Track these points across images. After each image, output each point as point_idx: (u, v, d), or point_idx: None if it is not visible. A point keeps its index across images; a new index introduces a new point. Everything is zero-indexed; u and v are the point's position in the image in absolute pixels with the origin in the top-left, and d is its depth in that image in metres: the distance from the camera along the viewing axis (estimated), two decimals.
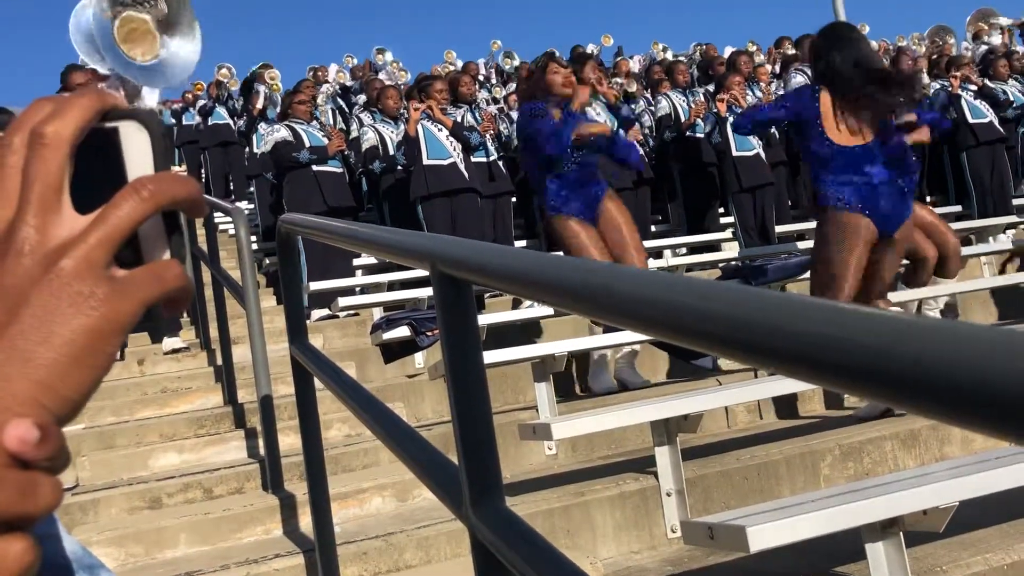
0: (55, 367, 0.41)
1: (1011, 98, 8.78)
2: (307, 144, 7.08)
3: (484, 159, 7.43)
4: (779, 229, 8.04)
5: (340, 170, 7.18)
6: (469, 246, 1.34)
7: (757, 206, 7.96)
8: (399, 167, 7.34)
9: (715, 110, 8.05)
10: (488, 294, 6.38)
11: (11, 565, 0.39)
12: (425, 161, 6.93)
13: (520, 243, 7.83)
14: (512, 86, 10.80)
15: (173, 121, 12.41)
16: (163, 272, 0.44)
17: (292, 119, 7.35)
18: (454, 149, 6.99)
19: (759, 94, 8.90)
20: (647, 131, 8.69)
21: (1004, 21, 13.62)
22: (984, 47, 11.47)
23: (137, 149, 0.46)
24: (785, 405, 4.72)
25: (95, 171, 0.45)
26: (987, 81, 8.78)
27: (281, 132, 7.19)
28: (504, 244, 6.57)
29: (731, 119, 4.42)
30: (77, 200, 0.44)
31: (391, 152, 7.41)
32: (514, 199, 7.89)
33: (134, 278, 0.43)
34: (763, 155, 8.05)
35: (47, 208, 0.43)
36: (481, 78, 12.85)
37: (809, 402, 4.77)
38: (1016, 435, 0.44)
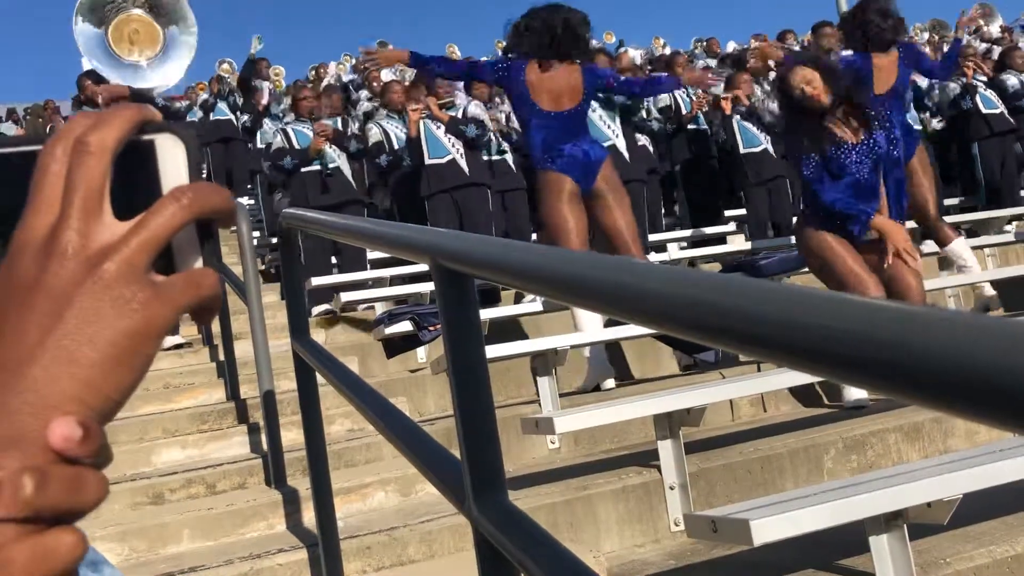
0: (99, 367, 0.42)
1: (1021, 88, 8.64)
2: (297, 147, 7.15)
3: (496, 156, 7.46)
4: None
5: (317, 168, 7.16)
6: (469, 240, 1.33)
7: (772, 199, 7.90)
8: (405, 165, 7.34)
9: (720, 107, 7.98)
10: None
11: (64, 556, 0.40)
12: (427, 161, 6.96)
13: (535, 236, 7.80)
14: None
15: None
16: (201, 279, 0.46)
17: (297, 119, 7.43)
18: (452, 146, 6.99)
19: (768, 88, 8.82)
20: (652, 122, 8.59)
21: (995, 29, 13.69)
22: (984, 46, 11.40)
23: (172, 161, 0.48)
24: (788, 398, 4.72)
25: (132, 181, 0.47)
26: (1004, 73, 8.64)
27: (277, 138, 7.35)
28: (519, 239, 6.53)
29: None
30: (114, 208, 0.45)
31: (395, 146, 7.39)
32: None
33: (173, 284, 0.45)
34: (771, 149, 7.97)
35: (89, 213, 0.44)
36: None
37: (806, 397, 4.76)
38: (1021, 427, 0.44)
